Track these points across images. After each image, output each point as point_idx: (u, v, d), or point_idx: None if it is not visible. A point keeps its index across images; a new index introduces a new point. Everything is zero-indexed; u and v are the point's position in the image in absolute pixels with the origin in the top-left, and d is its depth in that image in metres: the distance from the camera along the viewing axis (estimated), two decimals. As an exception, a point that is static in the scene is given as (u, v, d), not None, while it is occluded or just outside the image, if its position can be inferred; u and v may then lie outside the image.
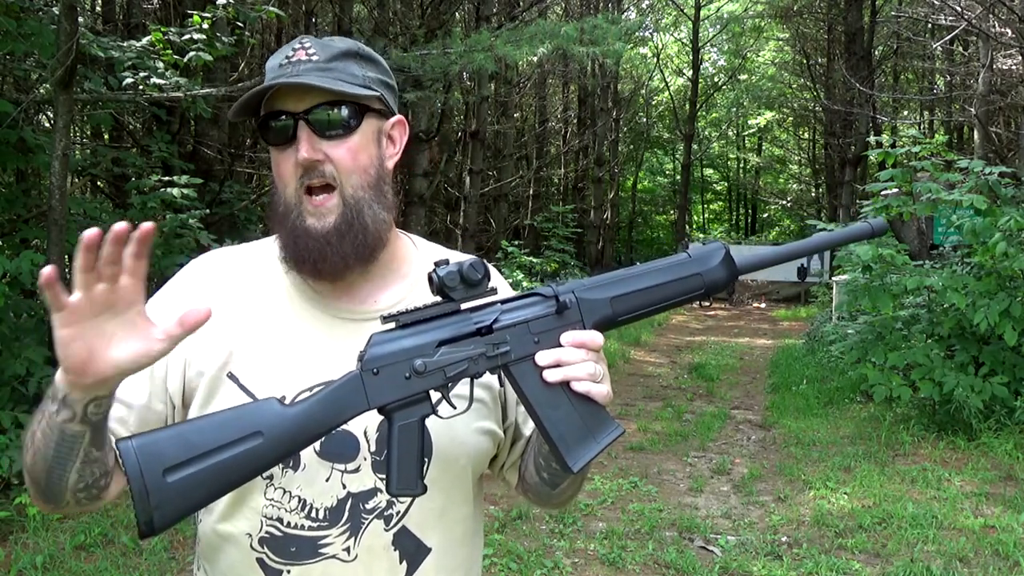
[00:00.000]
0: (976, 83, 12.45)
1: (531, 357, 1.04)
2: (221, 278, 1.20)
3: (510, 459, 1.28)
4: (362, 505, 1.11)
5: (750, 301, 22.52)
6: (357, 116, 1.12)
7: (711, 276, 1.12)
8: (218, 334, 1.14)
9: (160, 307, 1.16)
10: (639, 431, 7.28)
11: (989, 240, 6.40)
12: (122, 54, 6.08)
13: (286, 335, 1.15)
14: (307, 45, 1.12)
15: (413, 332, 1.03)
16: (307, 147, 1.09)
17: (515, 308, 1.07)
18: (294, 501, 1.10)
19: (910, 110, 22.56)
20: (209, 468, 0.92)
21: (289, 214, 1.12)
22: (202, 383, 1.13)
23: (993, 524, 4.80)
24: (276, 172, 1.14)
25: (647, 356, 12.35)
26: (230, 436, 0.94)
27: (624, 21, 17.87)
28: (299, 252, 1.11)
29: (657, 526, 4.83)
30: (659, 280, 1.11)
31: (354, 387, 1.00)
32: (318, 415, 0.98)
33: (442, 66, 7.53)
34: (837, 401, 8.23)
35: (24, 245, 6.41)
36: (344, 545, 1.10)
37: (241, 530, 1.11)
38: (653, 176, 38.06)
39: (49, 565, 3.97)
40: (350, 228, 1.11)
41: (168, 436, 0.93)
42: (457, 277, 1.03)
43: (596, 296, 1.08)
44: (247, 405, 0.98)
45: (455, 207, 16.27)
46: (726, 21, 28.91)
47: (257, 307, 1.17)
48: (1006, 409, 6.55)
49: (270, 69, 1.13)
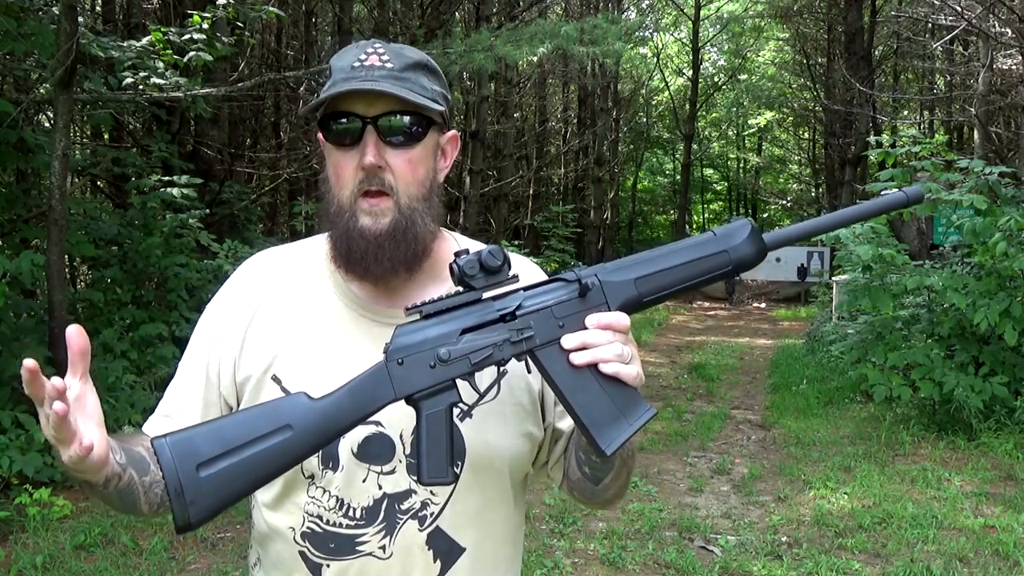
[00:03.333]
0: (976, 83, 12.45)
1: (557, 341, 1.03)
2: (268, 282, 1.23)
3: (553, 457, 1.28)
4: (397, 505, 1.14)
5: (750, 301, 22.52)
6: (423, 128, 1.14)
7: (738, 253, 1.09)
8: (265, 338, 1.18)
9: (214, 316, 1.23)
10: (639, 431, 7.27)
11: (989, 240, 6.40)
12: (122, 54, 6.08)
13: (328, 338, 1.18)
14: (380, 51, 1.13)
15: (437, 322, 1.03)
16: (374, 152, 1.10)
17: (538, 294, 1.06)
18: (332, 500, 1.14)
19: (910, 110, 22.56)
20: (242, 462, 0.94)
21: (343, 214, 1.13)
22: (249, 386, 1.17)
23: (993, 524, 4.80)
24: (334, 172, 1.15)
25: (647, 356, 12.35)
26: (261, 430, 0.96)
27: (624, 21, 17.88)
28: (352, 253, 1.13)
29: (657, 526, 4.83)
30: (684, 259, 1.09)
31: (380, 378, 1.01)
32: (346, 407, 0.99)
33: (442, 66, 7.51)
34: (837, 401, 8.23)
35: (24, 245, 6.41)
36: (380, 543, 1.14)
37: (286, 524, 1.16)
38: (653, 176, 38.06)
39: (49, 565, 3.97)
40: (404, 235, 1.12)
41: (201, 432, 0.95)
42: (477, 265, 1.03)
43: (620, 278, 1.07)
44: (277, 400, 1.01)
45: (455, 207, 16.26)
46: (726, 21, 28.91)
47: (302, 310, 1.20)
48: (1006, 409, 6.55)
49: (340, 70, 1.13)
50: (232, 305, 1.22)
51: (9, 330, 5.25)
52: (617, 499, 1.30)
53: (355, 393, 1.00)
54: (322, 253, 1.23)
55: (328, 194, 1.16)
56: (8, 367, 4.89)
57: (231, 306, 1.22)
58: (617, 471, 1.20)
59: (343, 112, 1.12)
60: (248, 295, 1.22)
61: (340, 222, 1.14)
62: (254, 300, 1.21)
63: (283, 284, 1.22)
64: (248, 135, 12.38)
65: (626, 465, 1.21)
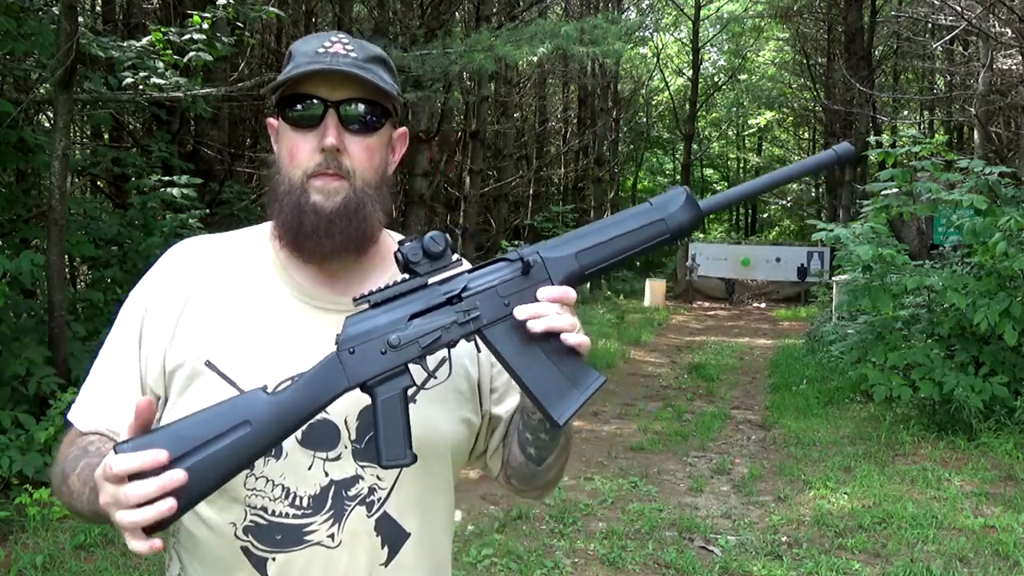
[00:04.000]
0: (976, 83, 12.45)
1: (504, 319, 1.06)
2: (200, 268, 1.20)
3: (491, 446, 1.29)
4: (345, 492, 1.13)
5: (750, 301, 22.53)
6: (382, 118, 1.16)
7: (675, 220, 1.12)
8: (198, 325, 1.16)
9: (141, 303, 1.19)
10: (639, 431, 7.28)
11: (989, 240, 6.40)
12: (122, 54, 6.09)
13: (269, 324, 1.16)
14: (344, 40, 1.15)
15: (385, 310, 1.05)
16: (335, 134, 1.11)
17: (482, 275, 1.09)
18: (278, 490, 1.12)
19: (910, 110, 22.56)
20: (203, 461, 0.95)
21: (294, 191, 1.13)
22: (181, 374, 1.14)
23: (993, 524, 4.80)
24: (289, 152, 1.15)
25: (647, 356, 12.35)
26: (219, 428, 0.97)
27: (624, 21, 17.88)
28: (303, 227, 1.12)
29: (657, 526, 4.83)
30: (623, 230, 1.11)
31: (333, 368, 1.03)
32: (302, 399, 1.01)
33: (442, 66, 7.53)
34: (837, 401, 8.23)
35: (24, 245, 6.41)
36: (329, 532, 1.13)
37: (224, 520, 1.13)
38: (653, 176, 38.09)
39: (49, 565, 3.97)
40: (355, 213, 1.13)
41: (160, 436, 0.96)
42: (420, 251, 1.06)
43: (560, 253, 1.09)
44: (234, 398, 1.01)
45: (455, 207, 16.27)
46: (726, 21, 28.93)
47: (240, 296, 1.18)
48: (1006, 409, 6.55)
49: (303, 54, 1.14)
50: (161, 292, 1.19)
51: (9, 330, 5.25)
52: (555, 484, 1.32)
53: (310, 384, 1.02)
54: (262, 241, 1.23)
55: (279, 174, 1.16)
56: (8, 367, 4.89)
57: (160, 293, 1.19)
58: (561, 450, 1.23)
59: (305, 95, 1.13)
60: (179, 281, 1.19)
61: (290, 200, 1.13)
62: (185, 287, 1.18)
63: (218, 271, 1.20)
64: (248, 135, 12.38)
65: (567, 446, 1.25)
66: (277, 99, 1.16)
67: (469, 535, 4.59)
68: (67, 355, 5.29)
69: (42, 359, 5.01)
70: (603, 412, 8.04)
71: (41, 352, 5.07)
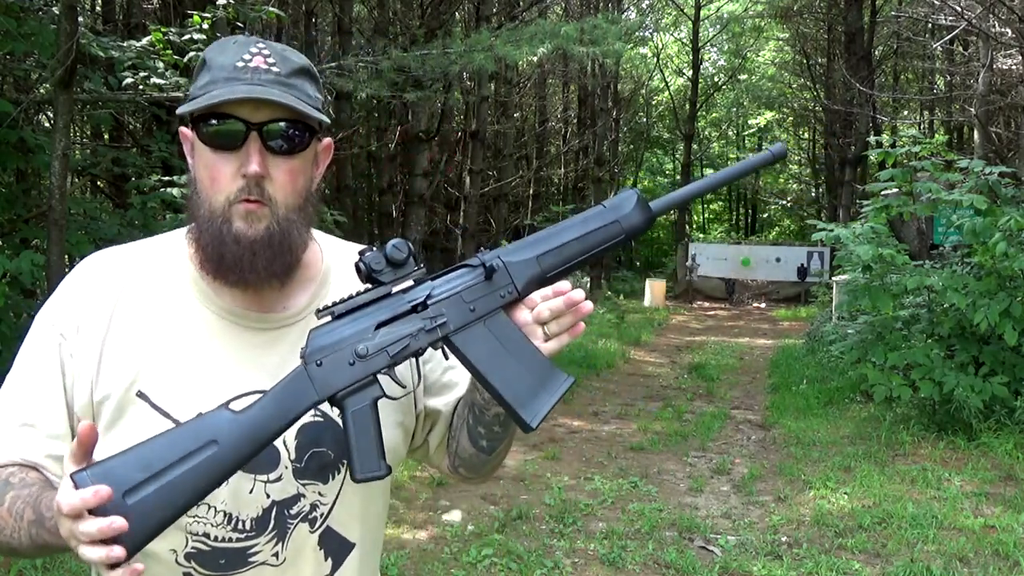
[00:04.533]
0: (976, 83, 12.45)
1: (471, 325, 1.07)
2: (119, 287, 1.14)
3: (434, 440, 1.28)
4: (287, 511, 1.12)
5: (750, 301, 22.52)
6: (305, 138, 1.10)
7: (628, 221, 1.14)
8: (124, 352, 1.10)
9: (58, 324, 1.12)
10: (639, 431, 7.28)
11: (989, 240, 6.40)
12: (122, 54, 6.08)
13: (197, 348, 1.12)
14: (265, 52, 1.08)
15: (350, 320, 1.04)
16: (259, 161, 1.06)
17: (445, 282, 1.09)
18: (219, 516, 1.10)
19: (910, 110, 22.56)
20: (170, 483, 0.93)
21: (215, 219, 1.08)
22: (109, 405, 1.09)
23: (993, 524, 4.80)
24: (208, 175, 1.08)
25: (647, 356, 12.36)
26: (185, 449, 0.95)
27: (624, 21, 17.88)
28: (224, 259, 1.08)
29: (657, 526, 4.83)
30: (580, 232, 1.13)
31: (301, 381, 1.01)
32: (271, 413, 0.99)
33: (442, 66, 7.53)
34: (837, 401, 8.23)
35: (24, 245, 6.41)
36: (273, 551, 1.12)
37: (163, 547, 1.09)
38: (653, 176, 38.08)
39: (49, 565, 3.97)
40: (279, 244, 1.09)
41: (122, 460, 0.93)
42: (382, 260, 1.05)
43: (522, 257, 1.10)
44: (198, 418, 0.98)
45: (455, 207, 16.27)
46: (726, 21, 28.93)
47: (164, 319, 1.13)
48: (1006, 409, 6.55)
49: (221, 67, 1.07)
50: (79, 314, 1.11)
51: (9, 330, 5.25)
52: (496, 470, 1.33)
53: (279, 399, 1.00)
54: (180, 256, 1.16)
55: (197, 197, 1.10)
56: (8, 367, 4.88)
57: (78, 315, 1.11)
58: (509, 439, 1.24)
59: (224, 114, 1.06)
60: (97, 303, 1.12)
61: (211, 227, 1.08)
62: (106, 309, 1.11)
63: (138, 290, 1.13)
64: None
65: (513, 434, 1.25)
66: (193, 113, 1.07)
67: (469, 535, 4.59)
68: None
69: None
70: (603, 412, 8.05)
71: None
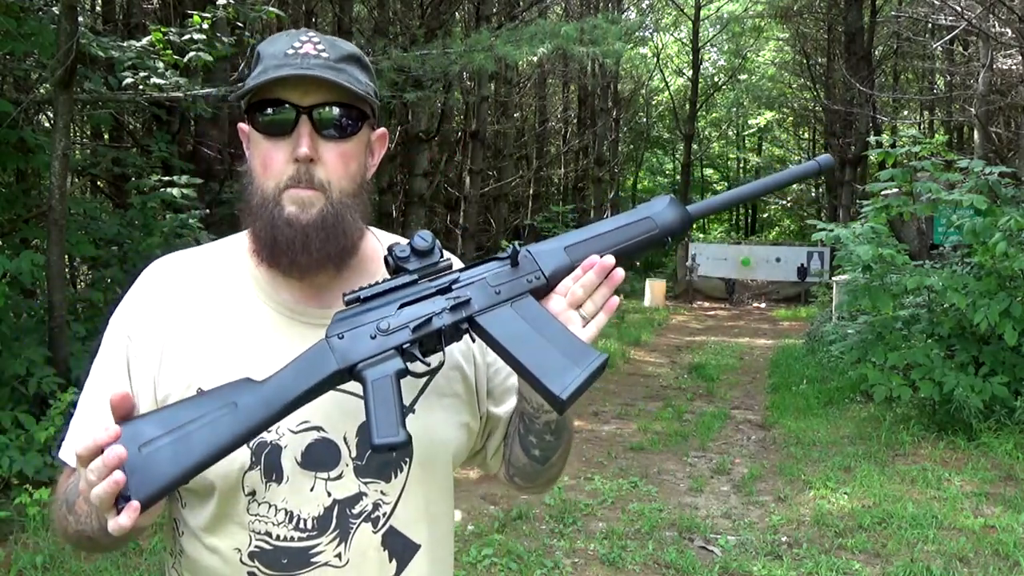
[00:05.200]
0: (976, 83, 12.45)
1: (496, 307, 1.06)
2: (181, 289, 1.15)
3: (491, 447, 1.28)
4: (349, 510, 1.11)
5: (750, 301, 22.52)
6: (357, 122, 1.10)
7: (662, 218, 1.13)
8: (185, 351, 1.12)
9: (124, 330, 1.15)
10: (639, 431, 7.28)
11: (989, 240, 6.40)
12: (122, 54, 6.08)
13: (257, 345, 1.12)
14: (315, 40, 1.09)
15: (375, 304, 1.05)
16: (308, 143, 1.06)
17: (472, 270, 1.09)
18: (281, 514, 1.09)
19: (910, 110, 22.56)
20: (185, 437, 0.94)
21: (267, 204, 1.08)
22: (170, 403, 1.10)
23: (993, 524, 4.80)
24: (261, 162, 1.09)
25: (647, 356, 12.35)
26: (204, 411, 0.97)
27: (624, 21, 17.88)
28: (277, 242, 1.08)
29: (657, 526, 4.83)
30: (612, 226, 1.13)
31: (322, 352, 1.01)
32: (289, 381, 0.99)
33: (442, 66, 7.53)
34: (837, 401, 8.23)
35: (24, 245, 6.41)
36: (335, 551, 1.11)
37: (228, 545, 1.10)
38: (653, 176, 38.10)
39: (49, 565, 3.97)
40: (332, 228, 1.08)
41: (146, 419, 0.96)
42: (408, 249, 1.07)
43: (550, 246, 1.11)
44: (220, 387, 1.00)
45: (455, 207, 16.27)
46: (726, 21, 28.94)
47: (224, 317, 1.13)
48: (1006, 409, 6.55)
49: (272, 56, 1.08)
50: (143, 316, 1.14)
51: (9, 330, 5.25)
52: (555, 481, 1.33)
53: (298, 368, 1.00)
54: (241, 255, 1.17)
55: (251, 185, 1.11)
56: (8, 367, 4.89)
57: (142, 317, 1.14)
58: (564, 447, 1.23)
59: (275, 100, 1.07)
60: (161, 305, 1.14)
61: (264, 212, 1.08)
62: (167, 310, 1.13)
63: (199, 291, 1.15)
64: (248, 135, 12.36)
65: (569, 442, 1.25)
66: (246, 104, 1.09)
67: (469, 535, 4.59)
68: (67, 355, 5.29)
69: (42, 359, 5.01)
70: (603, 412, 8.04)
71: (41, 352, 5.07)
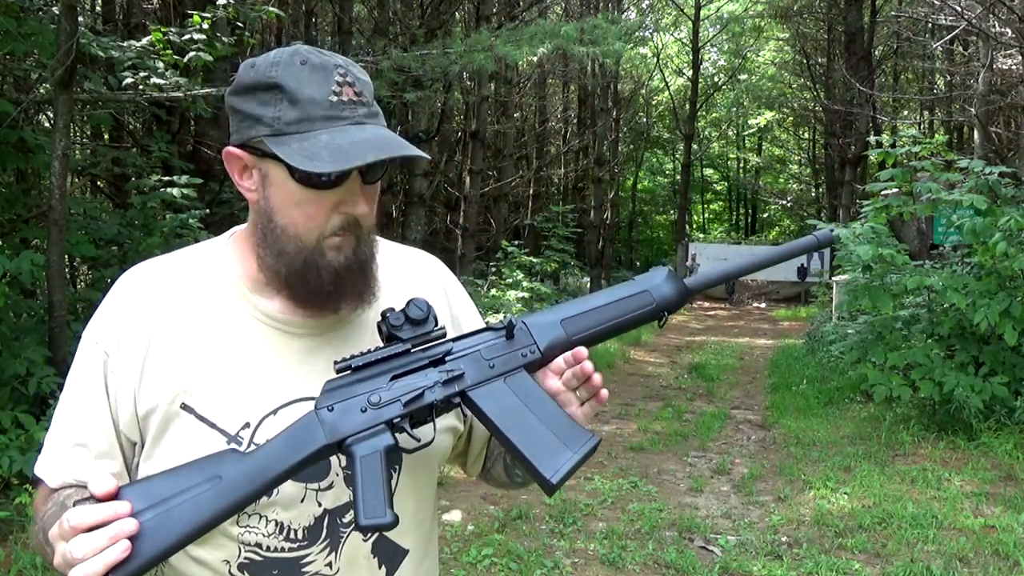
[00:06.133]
0: (976, 83, 12.45)
1: (489, 381, 1.06)
2: (161, 299, 1.13)
3: (472, 453, 1.30)
4: (339, 520, 1.12)
5: (750, 301, 22.53)
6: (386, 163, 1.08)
7: (659, 291, 1.14)
8: (168, 364, 1.10)
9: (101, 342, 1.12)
10: (639, 431, 7.28)
11: (989, 240, 6.40)
12: (122, 54, 6.08)
13: (240, 357, 1.11)
14: (349, 80, 1.04)
15: (367, 374, 1.04)
16: (365, 203, 1.06)
17: (466, 341, 1.09)
18: (271, 525, 1.09)
19: (910, 110, 22.56)
20: (168, 511, 0.94)
21: (303, 251, 1.06)
22: (155, 419, 1.09)
23: (993, 524, 4.80)
24: (301, 212, 1.04)
25: (647, 356, 12.35)
26: (189, 483, 0.96)
27: (624, 21, 17.88)
28: (309, 284, 1.07)
29: (657, 526, 4.83)
30: (608, 299, 1.12)
31: (311, 425, 1.01)
32: (278, 455, 0.99)
33: (442, 66, 7.53)
34: (837, 401, 8.23)
35: (24, 245, 6.41)
36: (326, 561, 1.11)
37: (217, 557, 1.10)
38: (653, 176, 38.09)
39: (49, 565, 3.96)
40: (361, 267, 1.09)
41: (128, 490, 0.95)
42: (402, 317, 1.06)
43: (546, 319, 1.10)
44: (205, 457, 0.99)
45: (455, 207, 16.26)
46: (726, 21, 28.92)
47: (209, 329, 1.11)
48: (1006, 409, 6.55)
49: (313, 102, 1.01)
50: (120, 329, 1.11)
51: (9, 330, 5.25)
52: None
53: (287, 442, 1.00)
54: (222, 262, 1.15)
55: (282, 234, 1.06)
56: (8, 367, 4.89)
57: (119, 331, 1.11)
58: None
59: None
60: (138, 316, 1.11)
61: (299, 258, 1.06)
62: (146, 321, 1.11)
63: (180, 300, 1.12)
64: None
65: None
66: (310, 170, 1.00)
67: (469, 535, 4.59)
68: (67, 355, 5.28)
69: (42, 359, 5.01)
70: (603, 412, 8.05)
71: (41, 352, 5.06)
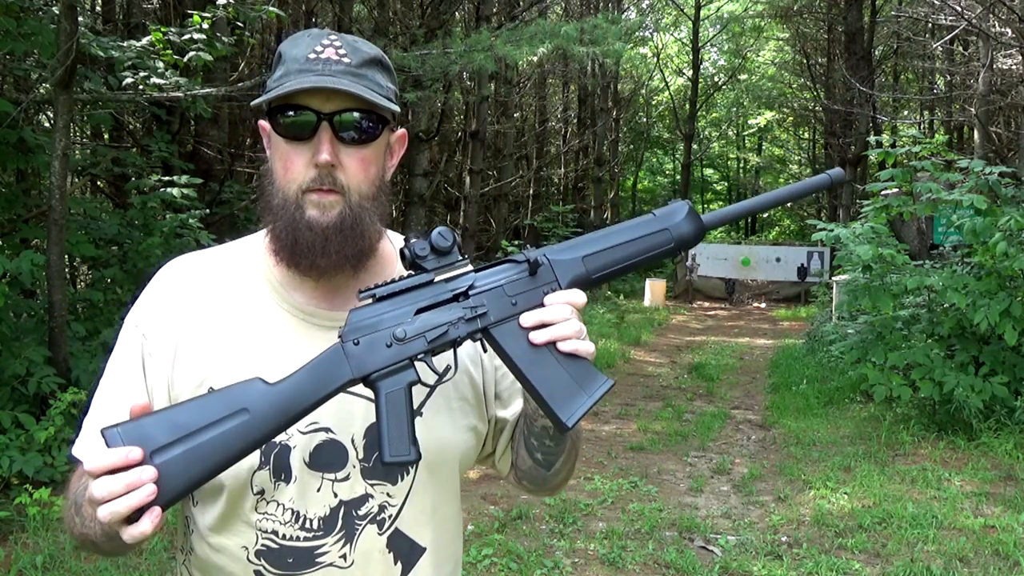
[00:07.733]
0: (976, 83, 12.45)
1: (512, 319, 1.05)
2: (195, 289, 1.17)
3: (499, 448, 1.29)
4: (355, 512, 1.12)
5: (750, 301, 22.51)
6: (377, 127, 1.11)
7: (678, 230, 1.14)
8: (199, 351, 1.13)
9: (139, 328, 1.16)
10: (639, 431, 7.28)
11: (989, 240, 6.40)
12: (122, 54, 6.09)
13: (267, 346, 1.13)
14: (336, 44, 1.10)
15: (391, 304, 1.04)
16: (329, 150, 1.07)
17: (489, 274, 1.08)
18: (288, 513, 1.11)
19: (910, 110, 22.56)
20: (199, 447, 0.93)
21: (288, 206, 1.10)
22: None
23: (993, 524, 4.80)
24: (282, 164, 1.11)
25: (647, 356, 12.35)
26: (216, 415, 0.95)
27: (624, 21, 17.87)
28: (298, 244, 1.09)
29: (657, 526, 4.83)
30: (628, 237, 1.12)
31: (337, 358, 1.00)
32: (304, 387, 0.99)
33: (442, 66, 7.53)
34: (837, 401, 8.23)
35: (24, 245, 6.42)
36: (340, 552, 1.12)
37: (236, 543, 1.12)
38: (653, 176, 38.09)
39: (49, 565, 3.97)
40: (351, 229, 1.10)
41: (153, 420, 0.94)
42: (427, 246, 1.05)
43: (568, 256, 1.10)
44: (231, 386, 0.99)
45: (455, 207, 16.27)
46: (726, 21, 28.93)
47: (238, 318, 1.15)
48: (1006, 409, 6.55)
49: (293, 59, 1.10)
50: (157, 315, 1.16)
51: (9, 330, 5.25)
52: (564, 484, 1.32)
53: (313, 374, 0.99)
54: (256, 256, 1.19)
55: (272, 186, 1.12)
56: (8, 367, 4.89)
57: (156, 316, 1.16)
58: (568, 454, 1.23)
59: (296, 105, 1.09)
60: (175, 304, 1.16)
61: (285, 214, 1.10)
62: (181, 309, 1.15)
63: (214, 291, 1.17)
64: (248, 135, 12.37)
65: (575, 448, 1.24)
66: (267, 105, 1.11)
67: (469, 535, 4.59)
68: (67, 355, 5.29)
69: (42, 359, 5.01)
70: (603, 412, 8.04)
71: (41, 352, 5.07)
